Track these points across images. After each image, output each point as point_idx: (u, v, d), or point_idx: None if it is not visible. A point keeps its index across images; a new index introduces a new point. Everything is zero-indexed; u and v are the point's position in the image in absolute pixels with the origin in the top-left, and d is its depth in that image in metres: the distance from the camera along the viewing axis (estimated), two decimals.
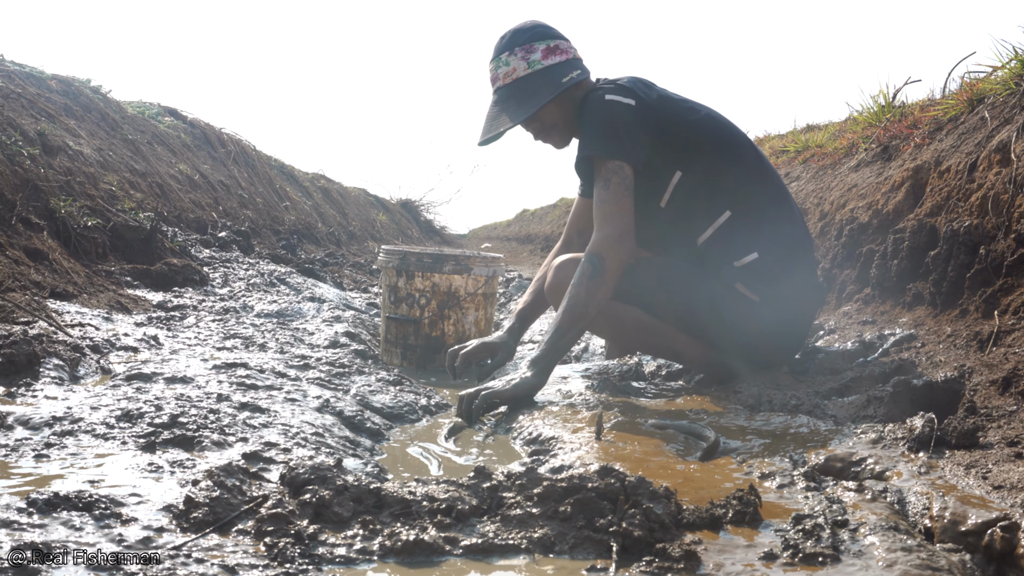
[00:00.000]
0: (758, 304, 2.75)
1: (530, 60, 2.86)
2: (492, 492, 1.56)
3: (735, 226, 2.76)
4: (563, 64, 2.86)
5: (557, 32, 2.92)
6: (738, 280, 2.75)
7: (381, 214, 16.70)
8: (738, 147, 2.86)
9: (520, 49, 2.87)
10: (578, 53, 2.94)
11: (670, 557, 1.34)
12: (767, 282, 2.75)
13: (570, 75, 2.84)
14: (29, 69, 6.30)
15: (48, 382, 2.40)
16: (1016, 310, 2.41)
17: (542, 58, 2.86)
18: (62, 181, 4.83)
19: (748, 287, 2.75)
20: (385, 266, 3.84)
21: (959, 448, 1.81)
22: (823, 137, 5.16)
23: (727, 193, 2.78)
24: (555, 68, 2.85)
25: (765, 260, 2.75)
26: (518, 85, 2.86)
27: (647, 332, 2.84)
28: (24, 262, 3.70)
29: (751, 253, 2.74)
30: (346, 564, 1.32)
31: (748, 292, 2.75)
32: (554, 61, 2.86)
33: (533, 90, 2.84)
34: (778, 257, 2.77)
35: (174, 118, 9.30)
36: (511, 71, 2.88)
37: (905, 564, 1.30)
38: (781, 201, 2.87)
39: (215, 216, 7.65)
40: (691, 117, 2.81)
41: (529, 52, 2.87)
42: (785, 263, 2.80)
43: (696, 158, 2.78)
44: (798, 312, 2.85)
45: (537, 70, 2.85)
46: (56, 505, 1.42)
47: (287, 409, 2.34)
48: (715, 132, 2.84)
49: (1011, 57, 3.15)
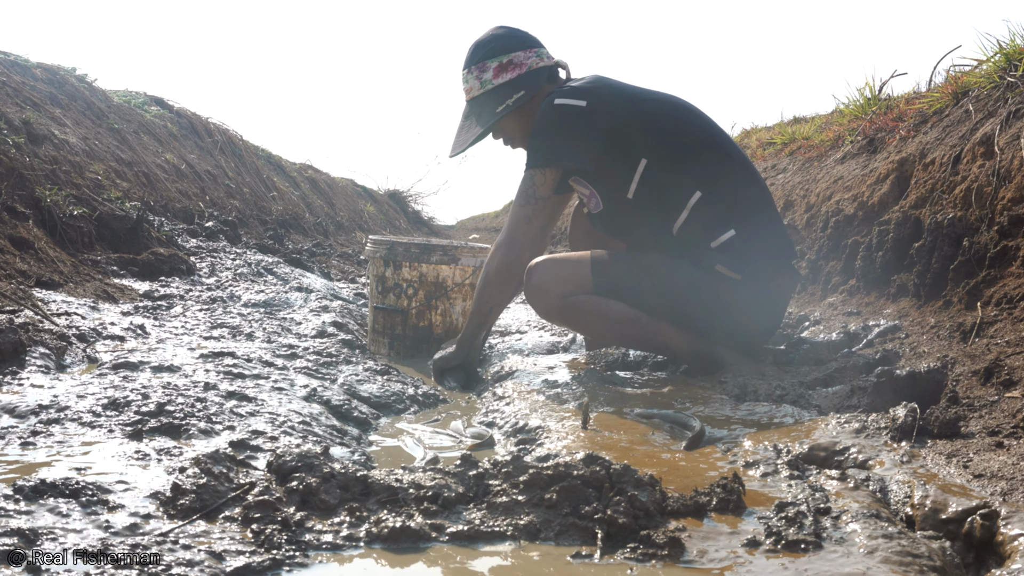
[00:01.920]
0: (740, 283, 2.73)
1: (482, 80, 2.95)
2: (478, 480, 1.56)
3: (707, 205, 2.75)
4: (512, 83, 2.91)
5: (517, 40, 2.95)
6: (718, 261, 2.73)
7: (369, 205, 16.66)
8: (698, 126, 2.86)
9: (475, 68, 2.96)
10: (539, 56, 2.96)
11: (654, 544, 1.35)
12: (746, 259, 2.74)
13: (506, 103, 2.90)
14: (14, 57, 6.26)
15: (34, 371, 2.40)
16: (999, 301, 2.43)
17: (493, 77, 2.93)
18: (47, 170, 4.81)
19: (728, 266, 2.73)
20: (372, 256, 3.84)
21: (941, 437, 1.82)
22: (810, 129, 5.18)
23: (694, 174, 2.77)
24: (502, 89, 2.92)
25: (742, 235, 2.74)
26: (474, 104, 2.98)
27: (632, 325, 2.83)
28: (9, 251, 3.68)
29: (727, 231, 2.73)
30: (333, 550, 1.33)
31: (729, 272, 2.73)
32: (504, 79, 2.92)
33: (479, 111, 2.96)
34: (753, 230, 2.77)
35: (160, 107, 9.25)
36: (469, 89, 2.99)
37: (886, 551, 1.32)
38: (747, 173, 2.85)
39: (202, 206, 7.62)
40: (648, 106, 2.82)
41: (482, 71, 2.95)
42: (761, 235, 2.79)
43: (658, 144, 2.78)
44: (776, 288, 2.84)
45: (488, 91, 2.94)
46: (43, 492, 1.42)
47: (274, 398, 2.34)
48: (675, 115, 2.84)
49: (995, 51, 3.18)
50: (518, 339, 4.05)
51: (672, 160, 2.77)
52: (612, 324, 2.85)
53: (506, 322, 4.74)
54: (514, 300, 3.04)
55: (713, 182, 2.77)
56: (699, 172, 2.77)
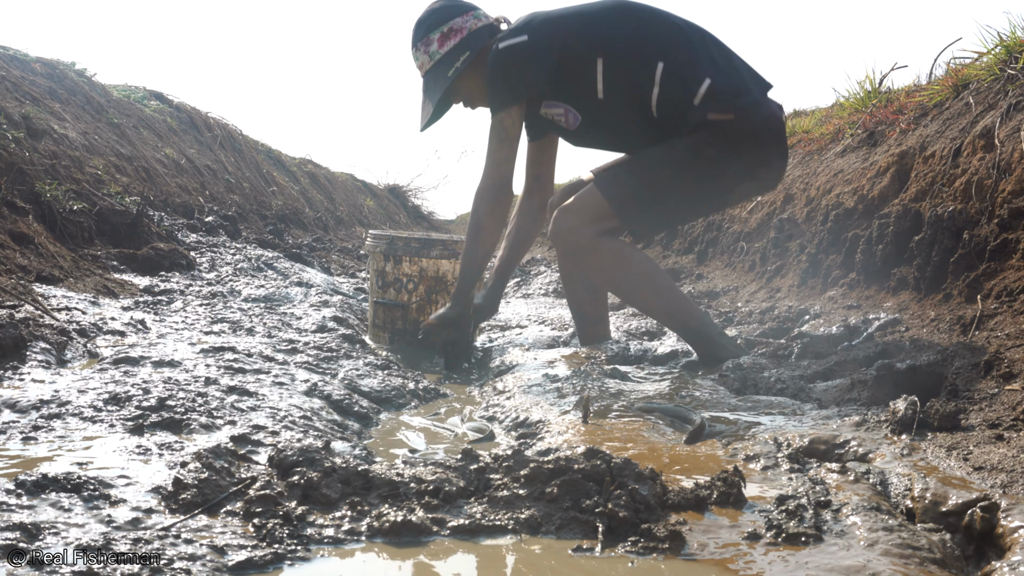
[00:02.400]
0: (735, 120, 2.76)
1: (430, 52, 3.08)
2: (479, 474, 1.57)
3: (674, 69, 2.79)
4: (457, 47, 3.03)
5: (453, 9, 3.07)
6: (707, 111, 2.76)
7: (369, 199, 16.66)
8: (636, 12, 2.92)
9: (422, 44, 3.09)
10: (476, 18, 3.07)
11: (655, 537, 1.35)
12: (730, 96, 2.77)
13: (455, 65, 3.01)
14: (13, 52, 6.25)
15: (35, 365, 2.40)
16: (998, 295, 2.43)
17: (439, 47, 3.06)
18: (47, 165, 4.81)
19: (719, 111, 2.76)
20: (373, 251, 3.84)
21: (941, 430, 1.83)
22: (810, 123, 5.18)
23: (649, 49, 2.83)
24: (449, 55, 3.03)
25: (716, 80, 2.78)
26: (428, 77, 3.10)
27: (651, 280, 2.88)
28: (9, 246, 3.68)
29: (703, 82, 2.77)
30: (335, 544, 1.34)
31: (721, 115, 2.76)
32: (450, 46, 3.04)
33: (433, 83, 3.08)
34: (722, 70, 2.82)
35: (160, 102, 9.24)
36: (421, 65, 3.12)
37: (886, 543, 1.32)
38: (692, 29, 2.91)
39: (202, 201, 7.62)
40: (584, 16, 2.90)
41: (428, 45, 3.08)
42: (731, 71, 2.84)
43: (606, 40, 2.85)
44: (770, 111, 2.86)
45: (437, 61, 3.06)
46: (44, 487, 1.42)
47: (275, 393, 2.34)
48: (611, 12, 2.91)
49: (996, 43, 3.17)
50: (518, 333, 4.05)
51: (625, 47, 2.85)
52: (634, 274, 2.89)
53: (506, 316, 4.74)
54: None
55: (669, 47, 2.83)
56: (653, 46, 2.83)
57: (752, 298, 4.15)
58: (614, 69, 2.84)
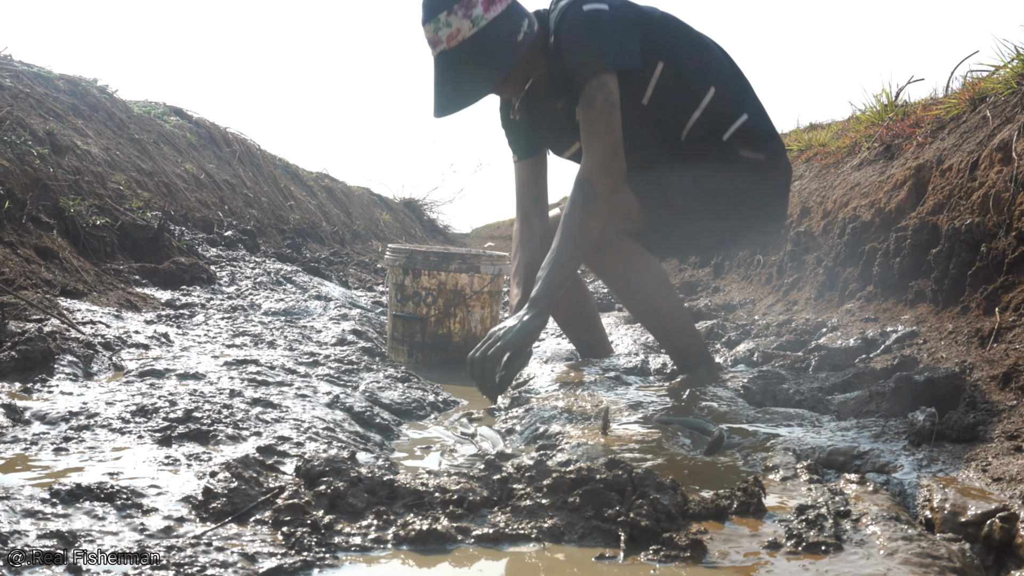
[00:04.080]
0: (764, 161, 2.76)
1: (473, 17, 2.59)
2: (502, 484, 1.59)
3: (720, 100, 2.74)
4: (507, 14, 2.62)
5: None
6: (739, 147, 2.74)
7: (385, 213, 16.74)
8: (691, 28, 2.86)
9: (459, 6, 2.59)
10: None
11: (677, 546, 1.37)
12: (763, 136, 2.77)
13: (521, 30, 2.63)
14: (37, 69, 6.35)
15: (63, 378, 2.44)
16: (1017, 307, 2.44)
17: (484, 12, 2.59)
18: (71, 180, 4.88)
19: (751, 149, 2.75)
20: (392, 264, 3.88)
21: (959, 442, 1.84)
22: (826, 136, 5.19)
23: (708, 70, 2.77)
24: (502, 21, 2.61)
25: (754, 120, 2.76)
26: (469, 47, 2.61)
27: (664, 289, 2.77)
28: (35, 260, 3.74)
29: (740, 117, 2.75)
30: (361, 551, 1.36)
31: (753, 154, 2.75)
32: (497, 11, 2.60)
33: (490, 51, 2.61)
34: (758, 109, 2.82)
35: (180, 117, 9.34)
36: (454, 33, 2.61)
37: (906, 552, 1.33)
38: (736, 66, 2.89)
39: (221, 215, 7.70)
40: (656, 12, 2.78)
41: (470, 8, 2.58)
42: (764, 113, 2.85)
43: (673, 46, 2.74)
44: (787, 163, 2.88)
45: (483, 27, 2.59)
46: (79, 496, 1.46)
47: (298, 405, 2.37)
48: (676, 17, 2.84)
49: (1013, 56, 3.19)
50: (536, 346, 4.08)
51: (688, 61, 2.75)
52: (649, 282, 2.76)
53: None
54: None
55: (720, 75, 2.77)
56: (710, 70, 2.77)
57: (769, 311, 4.17)
58: (669, 80, 2.71)
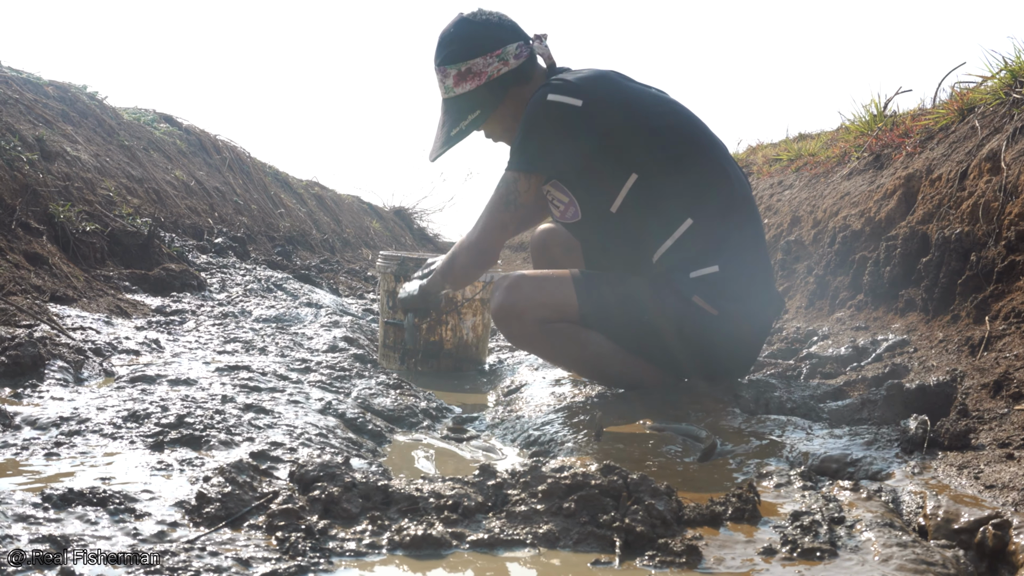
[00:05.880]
0: (716, 318, 2.52)
1: (445, 86, 2.71)
2: (497, 489, 1.59)
3: (696, 235, 2.52)
4: (471, 96, 2.67)
5: (477, 43, 2.66)
6: (696, 292, 2.51)
7: (375, 221, 16.72)
8: (702, 145, 2.62)
9: (439, 71, 2.72)
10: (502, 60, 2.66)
11: (672, 551, 1.37)
12: (727, 297, 2.53)
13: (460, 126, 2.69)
14: (26, 75, 6.32)
15: (53, 383, 2.43)
16: (1007, 316, 2.45)
17: (454, 85, 2.68)
18: (60, 186, 4.86)
19: (707, 300, 2.51)
20: (383, 271, 3.87)
21: (951, 449, 1.85)
22: (816, 146, 5.22)
23: (687, 197, 2.54)
24: (461, 102, 2.69)
25: (725, 274, 2.52)
26: (443, 107, 2.76)
27: (609, 359, 2.65)
28: (24, 266, 3.72)
29: (711, 265, 2.52)
30: (356, 557, 1.36)
31: (707, 305, 2.51)
32: (464, 90, 2.67)
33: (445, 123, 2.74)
34: (739, 270, 2.57)
35: (170, 124, 9.32)
36: (440, 87, 2.76)
37: (900, 559, 1.34)
38: (744, 205, 2.64)
39: (211, 222, 7.67)
40: (647, 111, 2.58)
41: (444, 77, 2.70)
42: (746, 276, 2.60)
43: (652, 160, 2.54)
44: (757, 324, 2.67)
45: (450, 99, 2.71)
46: (71, 500, 1.45)
47: (290, 411, 2.37)
48: (678, 128, 2.61)
49: (1000, 67, 3.21)
50: (527, 353, 4.07)
51: (666, 180, 2.54)
52: (588, 357, 2.66)
53: None
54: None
55: (706, 209, 2.54)
56: (693, 196, 2.55)
57: None
58: (642, 195, 2.54)
